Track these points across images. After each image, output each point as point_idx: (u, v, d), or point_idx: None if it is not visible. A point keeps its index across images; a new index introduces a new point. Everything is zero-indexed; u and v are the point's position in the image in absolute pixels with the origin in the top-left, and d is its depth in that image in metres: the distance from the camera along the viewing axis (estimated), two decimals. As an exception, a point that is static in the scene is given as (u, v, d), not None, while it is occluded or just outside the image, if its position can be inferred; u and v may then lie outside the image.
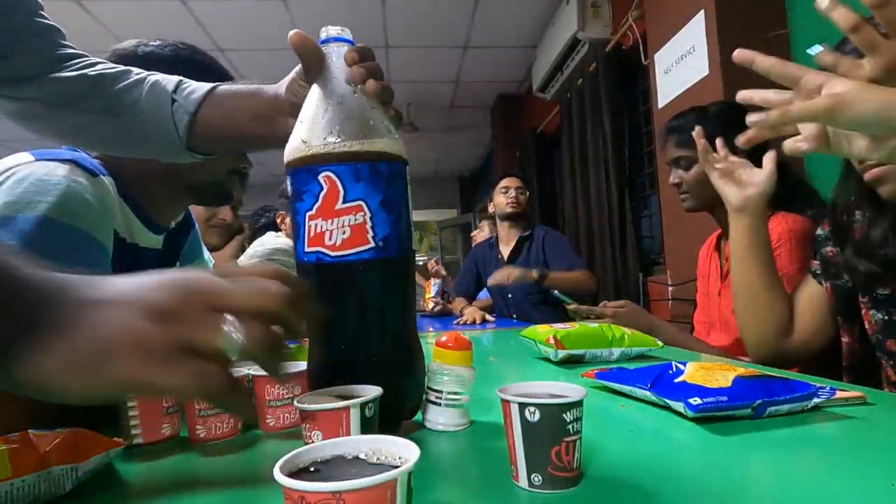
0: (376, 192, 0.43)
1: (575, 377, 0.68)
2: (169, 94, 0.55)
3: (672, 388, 0.50)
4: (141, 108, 0.55)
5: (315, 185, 0.43)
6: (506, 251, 2.31)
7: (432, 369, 0.49)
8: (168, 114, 0.55)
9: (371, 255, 0.42)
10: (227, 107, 0.55)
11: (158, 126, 0.55)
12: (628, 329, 0.87)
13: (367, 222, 0.43)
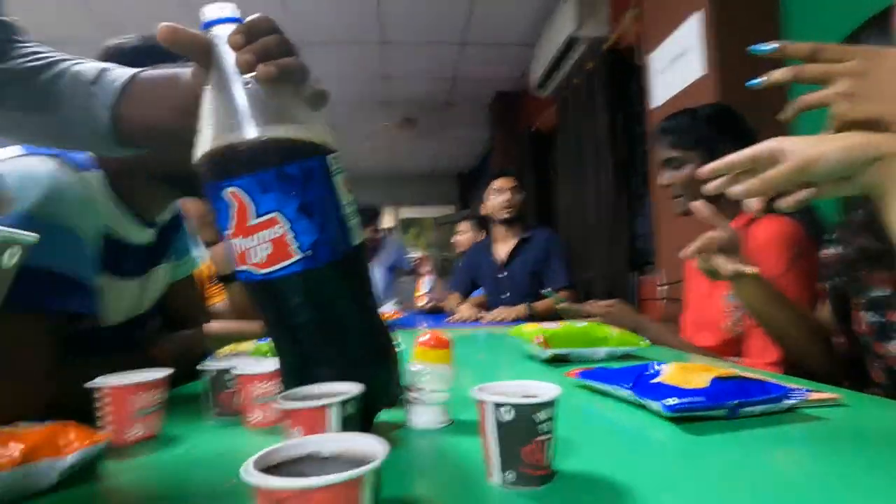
0: (291, 199, 0.38)
1: (559, 376, 0.69)
2: (87, 85, 0.50)
3: (649, 389, 0.51)
4: (62, 101, 0.50)
5: (222, 202, 0.39)
6: (502, 252, 2.23)
7: (412, 369, 0.50)
8: (87, 108, 0.50)
9: (301, 267, 0.38)
10: (147, 98, 0.50)
11: (82, 121, 0.51)
12: (614, 328, 0.88)
13: (286, 234, 0.38)
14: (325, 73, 3.90)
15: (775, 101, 1.50)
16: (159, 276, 0.84)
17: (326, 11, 3.07)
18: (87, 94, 0.50)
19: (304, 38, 3.33)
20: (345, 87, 4.20)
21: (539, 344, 0.81)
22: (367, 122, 5.02)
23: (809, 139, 0.47)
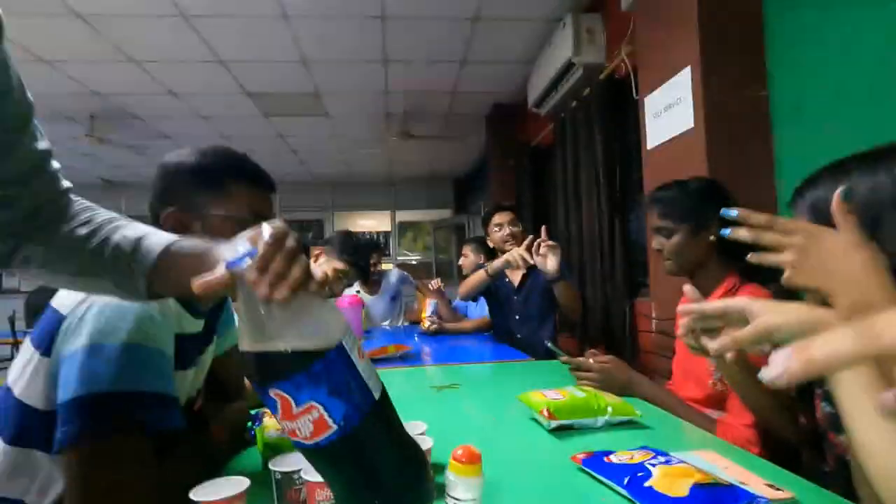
0: (321, 389, 0.47)
1: (566, 457, 0.80)
2: (129, 256, 0.59)
3: (642, 492, 0.62)
4: (107, 270, 0.59)
5: (269, 398, 0.48)
6: (515, 278, 2.40)
7: (448, 478, 0.61)
8: (128, 275, 0.59)
9: (337, 435, 0.47)
10: (176, 269, 0.57)
11: (122, 285, 0.60)
12: (612, 398, 0.99)
13: (323, 415, 0.47)
14: (326, 86, 3.98)
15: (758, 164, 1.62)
16: (207, 359, 0.94)
17: (332, 34, 3.14)
18: (128, 264, 0.59)
19: (308, 56, 3.41)
20: (346, 100, 4.27)
21: (545, 416, 0.93)
22: (367, 132, 5.10)
23: (775, 305, 0.57)
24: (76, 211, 0.62)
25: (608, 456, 0.74)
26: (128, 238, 0.61)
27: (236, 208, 0.84)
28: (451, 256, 7.01)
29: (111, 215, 0.64)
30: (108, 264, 0.59)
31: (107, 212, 0.64)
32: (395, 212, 7.65)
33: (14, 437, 0.68)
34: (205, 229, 0.82)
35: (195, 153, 0.85)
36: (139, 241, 0.60)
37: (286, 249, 0.48)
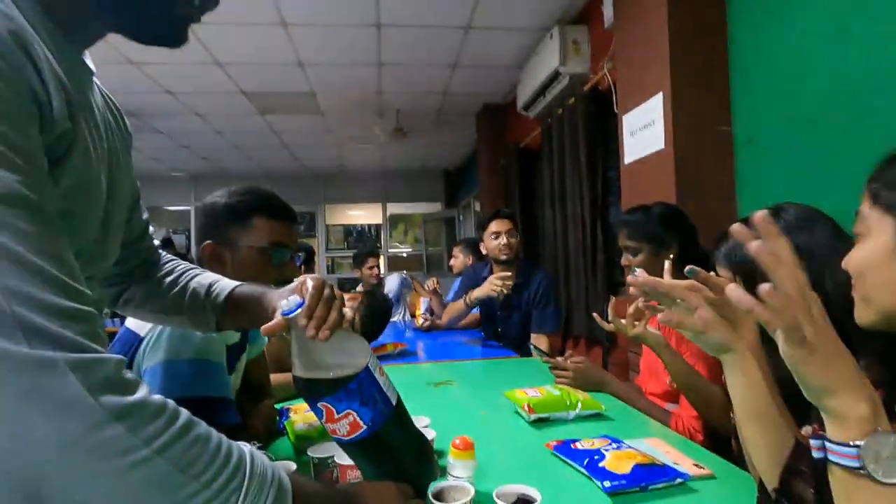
0: (355, 401, 0.62)
1: (541, 445, 0.99)
2: (202, 299, 0.77)
3: (596, 470, 0.82)
4: (185, 310, 0.77)
5: (317, 409, 0.64)
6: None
7: (449, 461, 0.80)
8: (203, 315, 0.77)
9: (367, 433, 0.64)
10: (241, 309, 0.76)
11: (198, 321, 0.78)
12: (581, 394, 1.19)
13: (356, 419, 0.63)
14: (321, 87, 4.09)
15: (721, 183, 1.81)
16: (243, 363, 1.11)
17: (328, 38, 3.26)
18: (203, 305, 0.76)
19: (304, 59, 3.53)
20: (340, 99, 4.39)
21: (526, 410, 1.12)
22: (360, 129, 5.22)
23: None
24: (164, 262, 0.81)
25: (574, 443, 0.93)
26: (202, 284, 0.78)
27: (259, 239, 1.02)
28: (442, 249, 7.18)
29: (189, 266, 0.82)
30: (188, 304, 0.77)
31: (185, 263, 0.83)
32: (385, 204, 7.79)
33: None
34: (234, 257, 1.00)
35: (227, 194, 1.02)
36: (210, 286, 0.78)
37: (325, 299, 0.62)
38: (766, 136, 1.71)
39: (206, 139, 5.36)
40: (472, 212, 6.49)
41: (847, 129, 1.35)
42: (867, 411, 0.43)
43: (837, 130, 1.40)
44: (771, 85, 1.67)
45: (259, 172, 6.99)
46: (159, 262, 0.81)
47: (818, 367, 0.43)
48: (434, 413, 1.04)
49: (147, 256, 0.79)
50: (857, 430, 0.42)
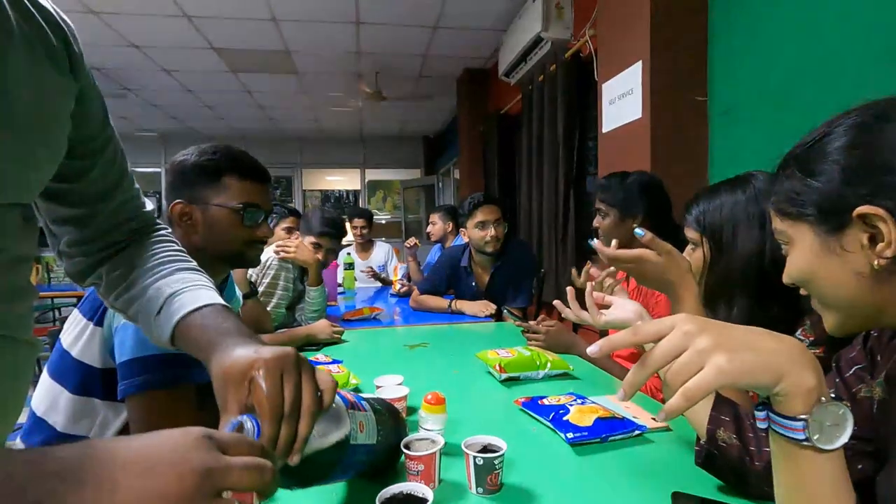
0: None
1: (510, 401, 1.03)
2: (153, 317, 0.61)
3: (561, 423, 0.86)
4: (140, 315, 0.63)
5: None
6: (482, 278, 2.30)
7: (421, 415, 0.83)
8: (153, 330, 0.61)
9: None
10: (188, 346, 0.59)
11: (150, 332, 0.63)
12: (551, 355, 1.24)
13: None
14: (296, 45, 3.94)
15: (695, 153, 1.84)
16: None
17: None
18: (153, 323, 0.61)
19: (278, 13, 3.37)
20: (317, 59, 4.24)
21: (497, 370, 1.16)
22: (339, 91, 5.08)
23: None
24: (154, 241, 0.68)
25: (542, 399, 0.98)
26: (157, 295, 0.62)
27: (230, 199, 1.00)
28: (420, 216, 7.16)
29: (168, 258, 0.66)
30: (135, 313, 0.64)
31: (172, 250, 0.68)
32: (364, 170, 7.67)
33: (77, 389, 0.86)
34: (204, 217, 0.99)
35: (197, 152, 1.00)
36: (161, 307, 0.61)
37: (287, 415, 0.47)
38: (742, 107, 1.74)
39: (175, 98, 5.14)
40: (451, 179, 6.46)
41: (821, 102, 1.39)
42: (813, 382, 0.42)
43: (811, 103, 1.44)
44: (748, 56, 1.69)
45: (232, 134, 6.77)
46: (145, 243, 0.67)
47: (751, 367, 0.42)
48: (408, 372, 1.07)
49: (126, 222, 0.65)
50: (804, 403, 0.42)
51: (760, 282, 0.84)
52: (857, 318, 0.53)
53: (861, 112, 0.49)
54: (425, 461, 0.69)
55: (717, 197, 0.91)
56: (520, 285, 2.25)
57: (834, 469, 0.43)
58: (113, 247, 0.66)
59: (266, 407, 0.46)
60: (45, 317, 4.58)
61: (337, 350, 1.54)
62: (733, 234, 0.87)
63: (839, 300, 0.52)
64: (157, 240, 0.69)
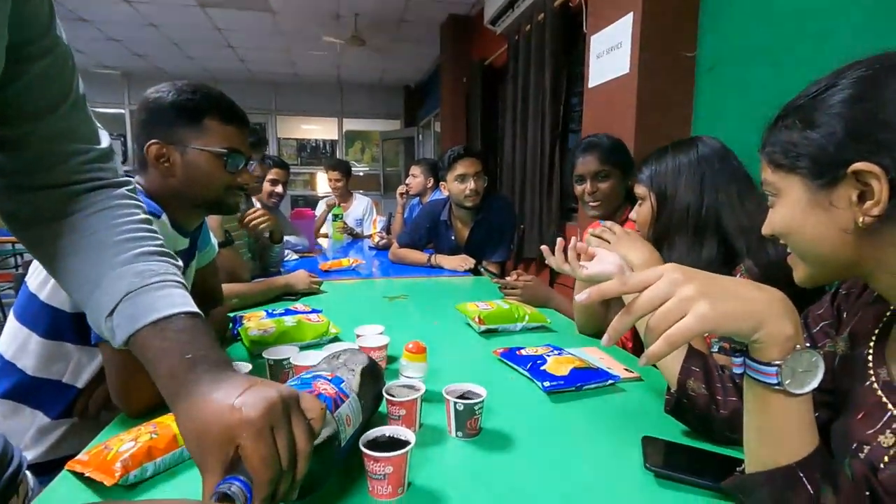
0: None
1: (489, 352, 1.05)
2: (103, 316, 0.53)
3: (538, 372, 0.89)
4: (88, 308, 0.56)
5: None
6: (462, 233, 2.28)
7: (402, 364, 0.84)
8: (102, 329, 0.55)
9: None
10: (148, 359, 0.51)
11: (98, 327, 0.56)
12: (529, 308, 1.26)
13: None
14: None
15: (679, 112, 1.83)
16: (192, 271, 1.09)
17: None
18: (103, 323, 0.54)
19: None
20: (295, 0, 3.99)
21: (476, 322, 1.18)
22: (314, 33, 4.81)
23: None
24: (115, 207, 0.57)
25: (520, 350, 1.00)
26: (104, 300, 0.53)
27: (212, 142, 0.95)
28: (400, 169, 7.04)
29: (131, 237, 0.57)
30: (93, 305, 0.55)
31: (131, 226, 0.58)
32: (342, 119, 7.43)
33: (48, 333, 0.83)
34: (184, 159, 0.94)
35: (173, 89, 0.93)
36: (114, 309, 0.53)
37: (279, 476, 0.44)
38: (728, 63, 1.72)
39: (137, 32, 4.79)
40: (432, 132, 6.32)
41: (807, 60, 1.38)
42: (791, 331, 0.43)
43: (797, 61, 1.43)
44: (738, 13, 1.66)
45: (203, 75, 6.40)
46: (111, 200, 0.58)
47: (732, 314, 0.43)
48: (387, 323, 1.07)
49: (73, 160, 0.56)
50: (780, 350, 0.43)
51: (696, 228, 0.95)
52: (829, 271, 0.55)
53: (869, 64, 0.48)
54: (407, 406, 0.71)
55: (664, 158, 1.01)
56: (499, 240, 2.25)
57: (801, 412, 0.46)
58: (56, 193, 0.55)
59: (263, 475, 0.43)
60: (7, 262, 4.41)
61: (315, 300, 1.53)
62: (675, 189, 0.97)
63: (818, 255, 0.53)
64: (119, 204, 0.59)
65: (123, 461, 0.58)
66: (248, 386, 0.46)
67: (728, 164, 0.97)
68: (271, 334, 1.05)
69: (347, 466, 0.63)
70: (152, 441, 0.62)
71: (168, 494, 0.58)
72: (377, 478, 0.57)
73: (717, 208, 0.93)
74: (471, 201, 2.15)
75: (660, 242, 0.99)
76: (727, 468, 0.63)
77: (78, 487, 0.59)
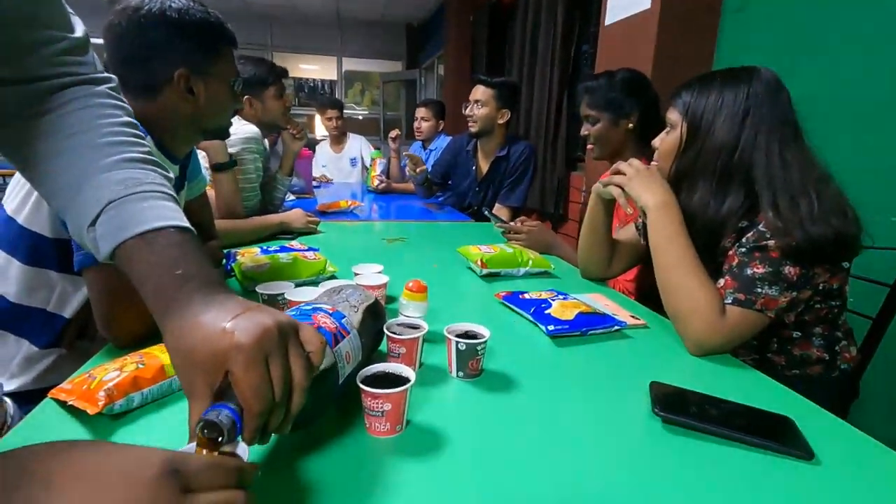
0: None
1: (491, 295, 1.02)
2: (85, 226, 0.49)
3: (542, 316, 0.86)
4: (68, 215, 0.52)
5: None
6: (483, 167, 2.27)
7: (402, 302, 0.80)
8: (85, 240, 0.51)
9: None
10: (135, 273, 0.47)
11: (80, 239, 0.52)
12: (533, 253, 1.22)
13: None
14: None
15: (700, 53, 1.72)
16: (182, 201, 1.03)
17: None
18: (85, 234, 0.50)
19: None
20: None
21: (478, 265, 1.14)
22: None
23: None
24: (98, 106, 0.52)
25: (523, 294, 0.97)
26: (84, 211, 0.49)
27: (228, 70, 0.92)
28: (401, 114, 6.82)
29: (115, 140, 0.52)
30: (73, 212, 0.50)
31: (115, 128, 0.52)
32: (341, 59, 7.11)
33: (28, 259, 0.79)
34: (207, 90, 0.87)
35: (182, 6, 0.83)
36: (95, 219, 0.49)
37: (276, 404, 0.41)
38: (757, 4, 1.60)
39: None
40: (435, 74, 6.07)
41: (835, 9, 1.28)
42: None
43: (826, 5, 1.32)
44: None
45: (193, 5, 6.04)
46: (92, 97, 0.52)
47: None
48: (386, 264, 1.03)
49: (41, 47, 0.49)
50: None
51: (723, 174, 0.86)
52: None
53: None
54: (407, 345, 0.68)
55: (711, 85, 0.89)
56: (515, 184, 2.20)
57: None
58: (25, 89, 0.49)
59: (254, 406, 0.39)
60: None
61: (312, 240, 1.49)
62: (711, 124, 0.87)
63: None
64: (100, 103, 0.53)
65: (107, 390, 0.55)
66: (242, 310, 0.42)
67: (778, 105, 0.85)
68: (265, 270, 1.01)
69: (344, 404, 0.60)
70: (138, 371, 0.58)
71: (155, 426, 0.56)
72: (375, 415, 0.54)
73: (753, 154, 0.83)
74: (469, 126, 2.17)
75: (680, 181, 0.92)
76: (737, 415, 0.61)
77: (61, 416, 0.56)
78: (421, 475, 0.49)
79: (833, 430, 0.61)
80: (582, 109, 1.44)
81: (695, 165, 0.90)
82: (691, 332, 0.80)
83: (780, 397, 0.69)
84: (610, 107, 1.39)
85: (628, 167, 0.94)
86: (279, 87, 1.75)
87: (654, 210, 0.89)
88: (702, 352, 0.80)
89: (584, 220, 1.14)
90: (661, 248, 0.87)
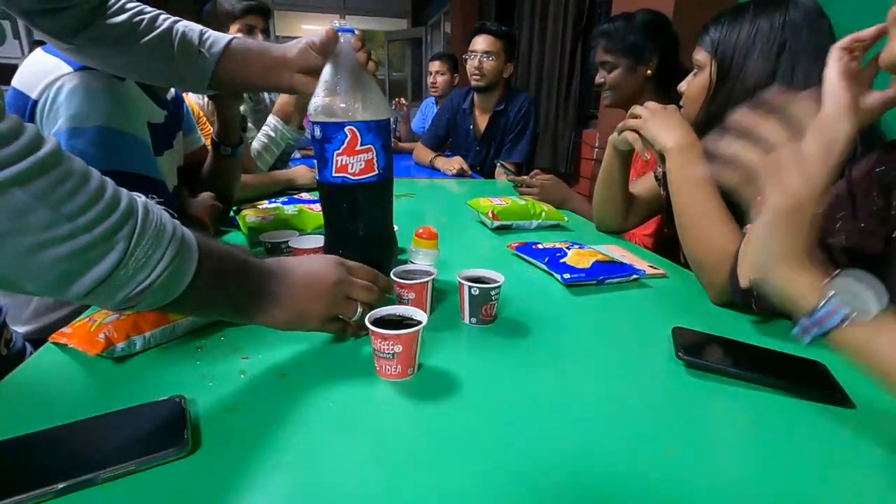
0: (378, 140, 0.67)
1: (503, 247, 0.99)
2: (196, 46, 0.70)
3: (557, 265, 0.82)
4: (174, 55, 0.69)
5: (342, 133, 0.64)
6: (481, 123, 2.18)
7: (412, 250, 0.77)
8: (196, 63, 0.70)
9: (376, 179, 0.68)
10: (241, 60, 0.71)
11: (189, 71, 0.71)
12: (546, 206, 1.17)
13: (373, 159, 0.67)
14: None
15: None
16: (180, 145, 1.00)
17: None
18: (196, 53, 0.69)
19: None
20: None
21: (490, 217, 1.10)
22: None
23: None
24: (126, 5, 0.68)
25: (536, 244, 0.93)
26: (192, 29, 0.70)
27: None
28: (406, 74, 6.64)
29: (159, 11, 0.70)
30: (179, 51, 0.69)
31: (152, 9, 0.70)
32: (344, 17, 6.87)
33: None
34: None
35: None
36: (202, 32, 0.71)
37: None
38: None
39: None
40: (441, 32, 5.86)
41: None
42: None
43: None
44: None
45: None
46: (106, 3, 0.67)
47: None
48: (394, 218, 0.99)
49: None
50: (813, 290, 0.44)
51: None
52: None
53: None
54: (417, 290, 0.65)
55: (740, 21, 0.81)
56: (517, 139, 2.11)
57: None
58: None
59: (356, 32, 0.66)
60: None
61: (318, 197, 1.45)
62: (743, 61, 0.79)
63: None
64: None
65: (107, 332, 0.53)
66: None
67: (818, 35, 0.76)
68: (270, 222, 0.98)
69: (353, 348, 0.58)
70: (139, 314, 0.56)
71: (163, 368, 0.54)
72: (385, 357, 0.52)
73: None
74: (475, 79, 2.05)
75: (710, 127, 0.84)
76: (766, 360, 0.58)
77: (62, 359, 0.54)
78: (433, 417, 0.47)
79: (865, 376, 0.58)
80: (598, 55, 1.36)
81: (725, 109, 0.81)
82: (715, 281, 0.76)
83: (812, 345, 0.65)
84: (628, 51, 1.31)
85: (644, 109, 0.88)
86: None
87: (673, 152, 0.83)
88: (724, 302, 0.76)
89: (600, 173, 1.09)
90: (683, 192, 0.82)
